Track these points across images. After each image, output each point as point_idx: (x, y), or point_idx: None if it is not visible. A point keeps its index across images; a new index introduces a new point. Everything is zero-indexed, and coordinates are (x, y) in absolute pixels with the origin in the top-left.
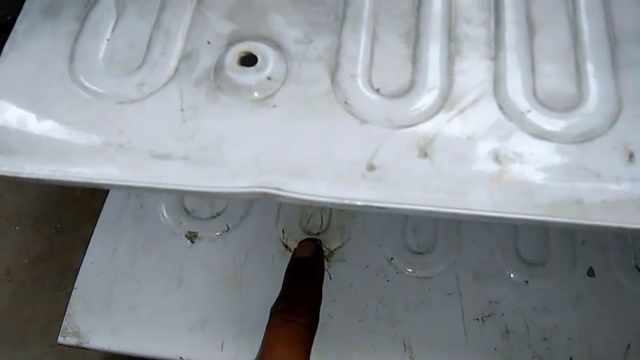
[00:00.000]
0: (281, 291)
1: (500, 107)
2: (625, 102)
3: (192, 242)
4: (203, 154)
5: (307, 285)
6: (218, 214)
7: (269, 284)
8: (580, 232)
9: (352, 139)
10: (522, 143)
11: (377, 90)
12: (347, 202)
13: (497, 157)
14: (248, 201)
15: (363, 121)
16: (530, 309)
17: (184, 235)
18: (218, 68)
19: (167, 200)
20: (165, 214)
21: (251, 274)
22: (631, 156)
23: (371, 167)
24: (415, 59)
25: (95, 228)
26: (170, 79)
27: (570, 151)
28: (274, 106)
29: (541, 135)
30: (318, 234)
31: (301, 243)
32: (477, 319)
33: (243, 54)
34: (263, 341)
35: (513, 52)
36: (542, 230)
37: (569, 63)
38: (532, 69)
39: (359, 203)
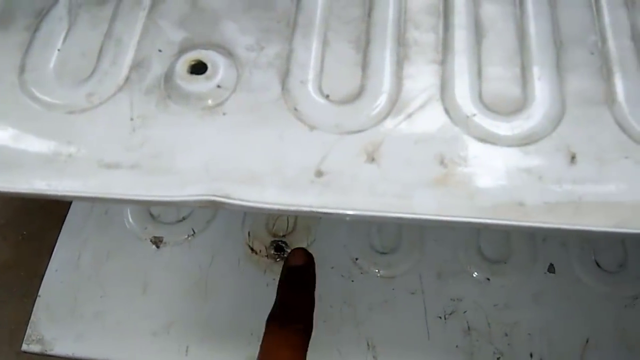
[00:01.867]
0: (276, 299)
1: (447, 111)
2: (568, 104)
3: (158, 247)
4: (152, 162)
5: (301, 293)
6: (184, 218)
7: (235, 288)
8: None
9: (301, 145)
10: (467, 146)
11: (327, 96)
12: (293, 208)
13: (442, 161)
14: None
15: (312, 127)
16: (491, 305)
17: (149, 240)
18: (168, 76)
19: (132, 205)
20: (130, 219)
21: (217, 277)
22: (573, 158)
23: (319, 173)
24: (365, 64)
25: (60, 235)
26: (121, 88)
27: (513, 154)
28: (224, 114)
29: (486, 138)
30: (284, 236)
31: (293, 251)
32: (440, 317)
33: (193, 62)
34: (261, 347)
35: (460, 57)
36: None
37: (515, 66)
38: (479, 73)
39: (305, 209)
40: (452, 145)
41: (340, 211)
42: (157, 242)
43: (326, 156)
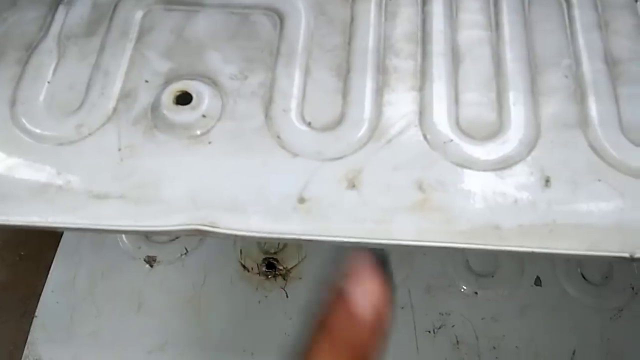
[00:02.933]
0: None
1: (425, 137)
2: (543, 128)
3: (151, 266)
4: (140, 192)
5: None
6: (177, 238)
7: (228, 305)
8: None
9: (284, 173)
10: (444, 171)
11: (309, 124)
12: (277, 236)
13: (420, 186)
14: None
15: (295, 154)
16: (479, 319)
17: (142, 259)
18: (155, 107)
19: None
20: (124, 238)
21: (210, 295)
22: (547, 181)
23: (302, 200)
24: (346, 91)
25: (56, 256)
26: (109, 119)
27: (489, 178)
28: (210, 142)
29: (462, 163)
30: (275, 253)
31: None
32: (429, 331)
33: (178, 93)
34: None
35: (438, 83)
36: None
37: (491, 92)
38: (456, 99)
39: (288, 236)
40: (430, 170)
41: (322, 238)
42: (150, 261)
43: (308, 183)
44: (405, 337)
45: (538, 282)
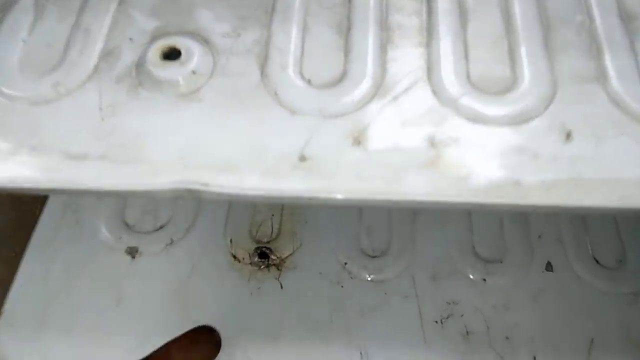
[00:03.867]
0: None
1: (434, 93)
2: (560, 82)
3: (133, 257)
4: (123, 152)
5: None
6: (161, 227)
7: (217, 298)
8: (535, 223)
9: (283, 131)
10: (457, 127)
11: (309, 81)
12: (277, 193)
13: (432, 143)
14: (194, 211)
15: (293, 112)
16: (490, 307)
17: (123, 250)
18: (140, 64)
19: (106, 214)
20: (103, 229)
21: (198, 288)
22: (568, 136)
23: (303, 158)
24: (348, 49)
25: (28, 248)
26: (89, 78)
27: (506, 133)
28: (200, 100)
29: (476, 119)
30: (268, 242)
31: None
32: (436, 321)
33: (166, 49)
34: None
35: (446, 40)
36: (497, 226)
37: (502, 48)
38: (466, 55)
39: (289, 194)
40: (442, 126)
41: (327, 196)
42: (132, 252)
43: (309, 140)
44: (411, 328)
45: (549, 267)
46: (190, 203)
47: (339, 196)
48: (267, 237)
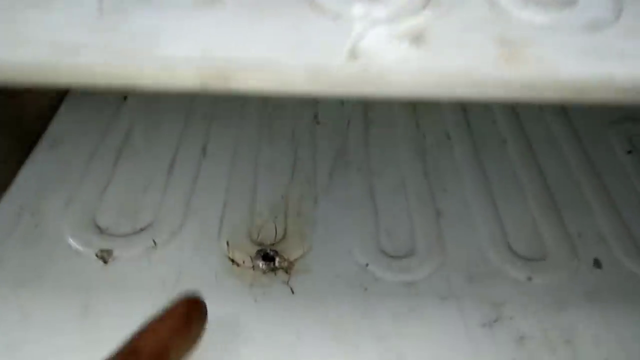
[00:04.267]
0: None
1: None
2: None
3: (105, 262)
4: (128, 46)
5: None
6: (141, 230)
7: (212, 305)
8: (571, 220)
9: (325, 36)
10: (528, 30)
11: None
12: (327, 90)
13: (502, 41)
14: (181, 211)
15: (336, 16)
16: (541, 308)
17: (94, 255)
18: None
19: (72, 217)
20: (69, 232)
21: None
22: None
23: (353, 56)
24: None
25: None
26: None
27: (583, 36)
28: (224, 3)
29: (547, 24)
30: (273, 244)
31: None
32: (484, 325)
33: None
34: None
35: None
36: (531, 224)
37: None
38: None
39: (341, 91)
40: (510, 28)
41: (385, 92)
42: (104, 256)
43: (358, 42)
44: (455, 332)
45: (597, 264)
46: (177, 203)
47: (401, 90)
48: (270, 240)
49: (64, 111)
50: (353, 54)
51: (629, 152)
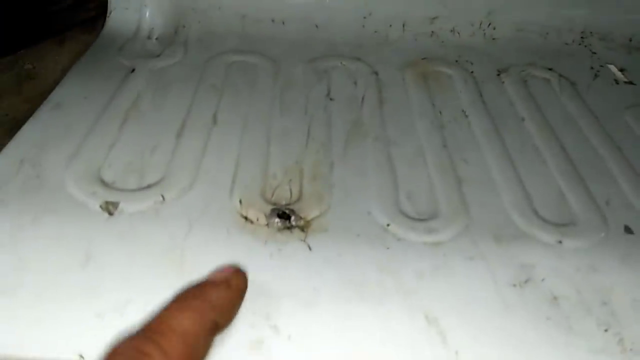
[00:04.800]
0: None
1: None
2: None
3: (111, 213)
4: None
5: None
6: (149, 186)
7: (224, 260)
8: (598, 189)
9: None
10: None
11: None
12: None
13: None
14: (191, 171)
15: None
16: (574, 271)
17: (98, 206)
18: None
19: (75, 169)
20: (72, 183)
21: (197, 250)
22: None
23: None
24: None
25: None
26: None
27: None
28: None
29: None
30: (288, 204)
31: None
32: (515, 285)
33: None
34: None
35: None
36: (557, 193)
37: None
38: None
39: None
40: None
41: None
42: (109, 208)
43: None
44: (485, 290)
45: (628, 230)
46: (187, 163)
47: None
48: (286, 201)
49: (70, 77)
50: None
51: None
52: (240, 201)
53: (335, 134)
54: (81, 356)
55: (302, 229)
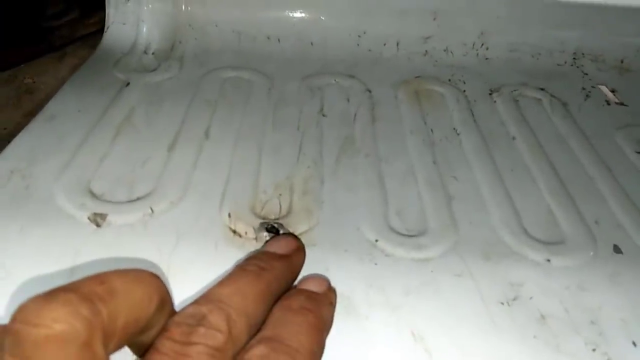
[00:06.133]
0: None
1: None
2: None
3: (98, 225)
4: None
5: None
6: (139, 198)
7: (211, 275)
8: (586, 208)
9: None
10: None
11: None
12: None
13: None
14: (181, 184)
15: None
16: (562, 289)
17: (86, 217)
18: None
19: (65, 181)
20: (61, 195)
21: (184, 263)
22: None
23: None
24: None
25: None
26: None
27: None
28: None
29: None
30: (277, 219)
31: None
32: (502, 303)
33: None
34: None
35: None
36: (546, 211)
37: None
38: None
39: None
40: None
41: None
42: (97, 220)
43: None
44: (472, 308)
45: (617, 249)
46: (177, 177)
47: None
48: (275, 215)
49: (66, 89)
50: None
51: (639, 152)
52: (230, 215)
53: (327, 150)
54: None
55: None
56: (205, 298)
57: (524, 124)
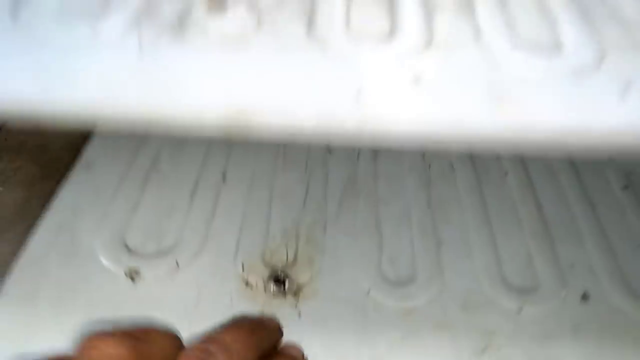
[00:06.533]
0: None
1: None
2: None
3: (133, 280)
4: (164, 88)
5: None
6: (165, 251)
7: None
8: (565, 252)
9: (336, 76)
10: (516, 77)
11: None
12: (335, 127)
13: (492, 89)
14: (201, 235)
15: (344, 60)
16: (529, 339)
17: (123, 272)
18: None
19: (104, 235)
20: (101, 249)
21: (204, 316)
22: None
23: (359, 95)
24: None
25: (16, 266)
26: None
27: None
28: (247, 50)
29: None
30: (284, 268)
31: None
32: (475, 353)
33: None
34: None
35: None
36: (525, 254)
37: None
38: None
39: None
40: (502, 75)
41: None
42: (132, 274)
43: (364, 84)
44: (452, 358)
45: (585, 297)
46: (198, 226)
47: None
48: (282, 263)
49: (97, 136)
50: (359, 93)
51: (625, 187)
52: (243, 266)
53: (331, 192)
54: None
55: (295, 293)
56: (211, 340)
57: (517, 158)
